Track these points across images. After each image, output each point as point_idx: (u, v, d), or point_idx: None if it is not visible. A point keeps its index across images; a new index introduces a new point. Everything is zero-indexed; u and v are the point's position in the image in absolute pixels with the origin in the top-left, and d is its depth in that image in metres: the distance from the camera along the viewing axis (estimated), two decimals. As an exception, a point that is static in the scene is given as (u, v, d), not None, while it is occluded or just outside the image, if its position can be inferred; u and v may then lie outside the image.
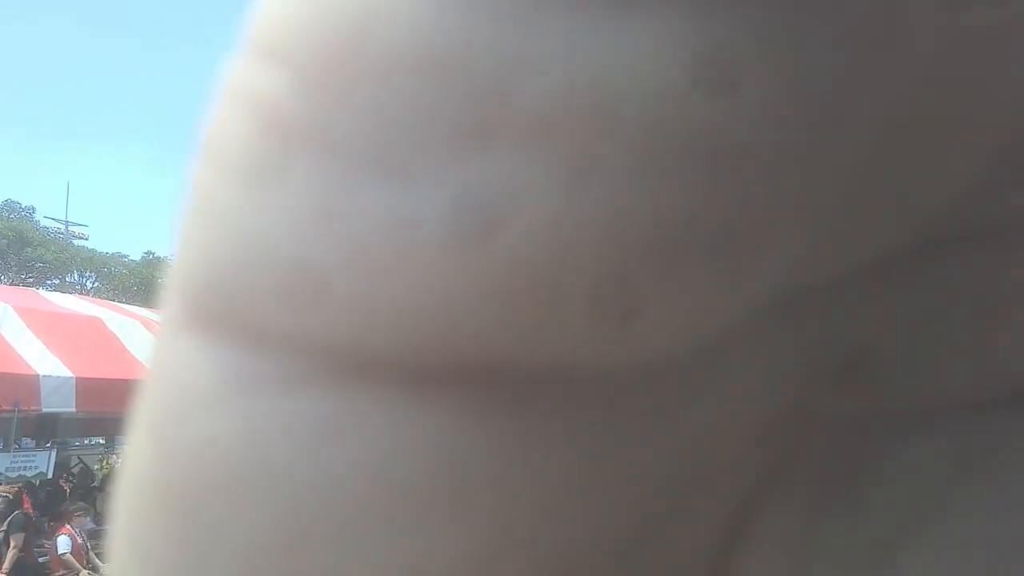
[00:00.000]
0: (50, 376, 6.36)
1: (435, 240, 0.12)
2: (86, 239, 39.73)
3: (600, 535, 0.14)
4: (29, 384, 6.26)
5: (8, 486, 7.05)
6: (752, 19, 0.11)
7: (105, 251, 38.65)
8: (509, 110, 0.11)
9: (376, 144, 0.12)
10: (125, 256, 39.42)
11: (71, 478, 8.36)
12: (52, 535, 6.77)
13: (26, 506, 6.98)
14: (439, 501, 0.13)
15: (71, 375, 6.48)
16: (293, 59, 0.12)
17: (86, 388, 6.48)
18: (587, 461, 0.13)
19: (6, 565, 6.35)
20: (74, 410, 6.62)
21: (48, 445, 7.78)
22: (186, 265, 0.14)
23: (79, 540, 6.69)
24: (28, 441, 7.79)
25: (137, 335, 7.20)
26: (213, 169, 0.13)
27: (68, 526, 6.74)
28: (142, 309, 8.46)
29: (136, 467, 0.14)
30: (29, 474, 7.23)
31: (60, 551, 6.61)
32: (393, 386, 0.13)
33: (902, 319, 0.16)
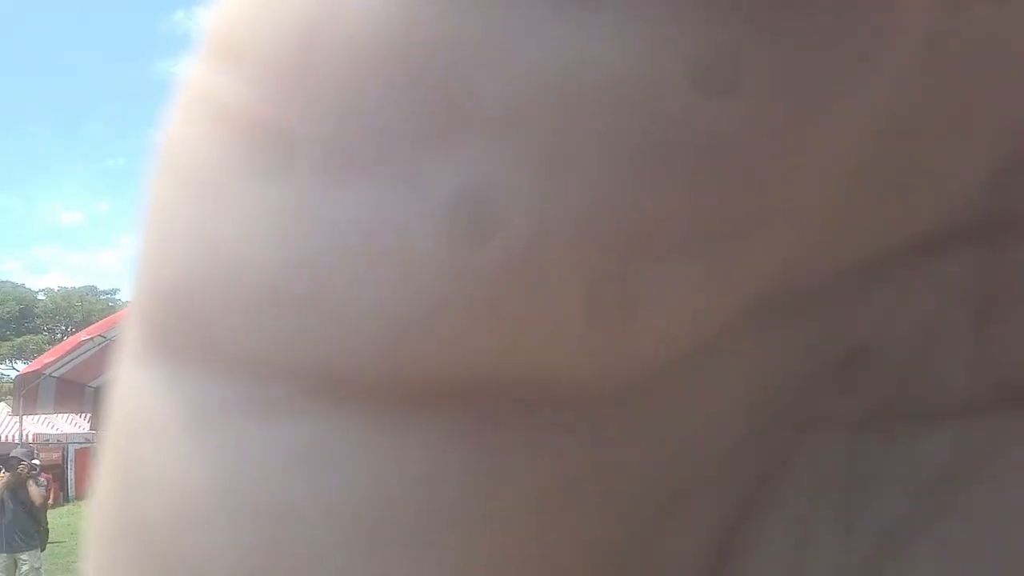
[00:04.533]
0: None
1: (418, 245, 0.11)
2: None
3: (588, 549, 0.14)
4: None
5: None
6: (751, 18, 0.11)
7: None
8: (479, 101, 0.11)
9: (345, 145, 0.11)
10: None
11: None
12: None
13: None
14: (426, 527, 0.12)
15: None
16: (253, 59, 0.12)
17: None
18: (575, 477, 0.13)
19: None
20: None
21: None
22: (145, 285, 0.13)
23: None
24: None
25: None
26: (172, 180, 0.12)
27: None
28: None
29: (103, 503, 0.13)
30: None
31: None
32: (376, 409, 0.12)
33: (898, 319, 0.16)
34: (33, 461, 7.11)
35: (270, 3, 0.12)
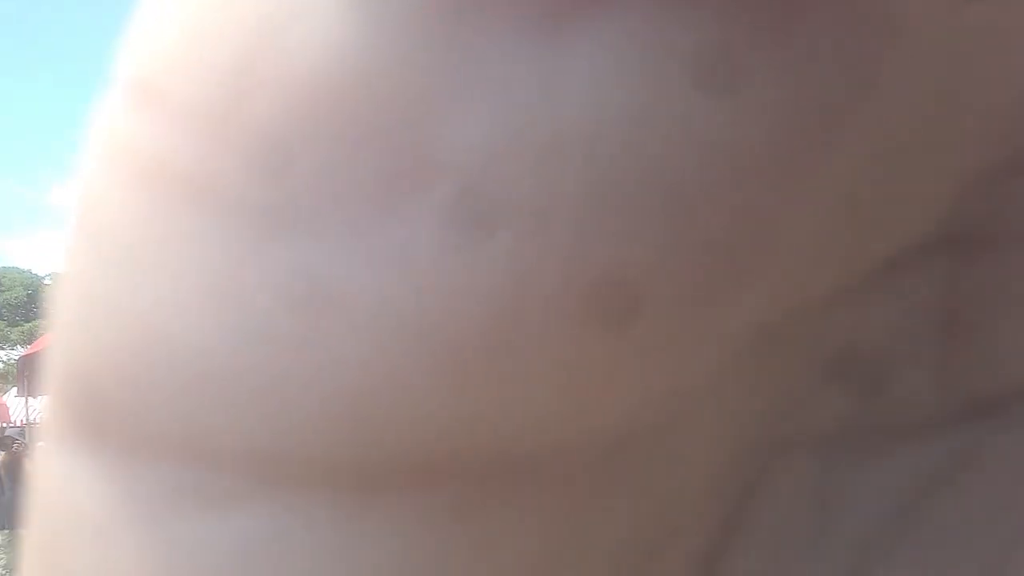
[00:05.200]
0: None
1: (378, 305, 0.10)
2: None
3: None
4: None
5: None
6: (752, 17, 0.10)
7: None
8: (443, 147, 0.10)
9: (279, 196, 0.10)
10: None
11: None
12: None
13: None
14: None
15: None
16: (179, 104, 0.10)
17: None
18: (558, 540, 0.12)
19: None
20: None
21: None
22: (61, 362, 0.11)
23: None
24: None
25: None
26: (89, 243, 0.11)
27: None
28: None
29: None
30: None
31: None
32: (340, 494, 0.11)
33: (866, 336, 0.15)
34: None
35: (197, 41, 0.10)
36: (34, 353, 13.85)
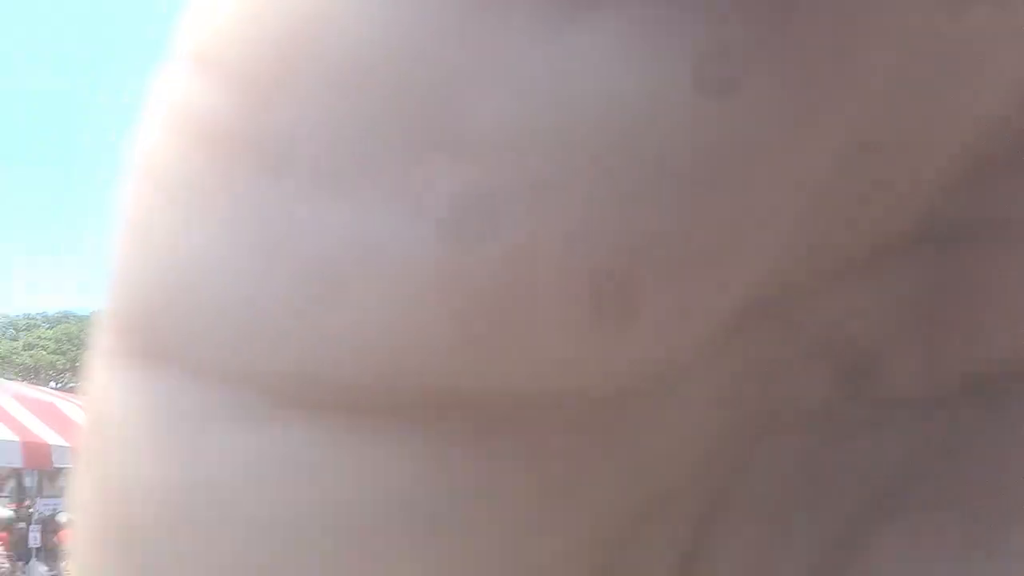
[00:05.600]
0: None
1: (406, 258, 0.11)
2: None
3: (562, 563, 0.14)
4: None
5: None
6: (752, 16, 0.11)
7: None
8: (469, 120, 0.10)
9: (320, 160, 0.11)
10: None
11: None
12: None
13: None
14: (400, 537, 0.12)
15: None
16: (231, 68, 0.11)
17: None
18: (549, 489, 0.13)
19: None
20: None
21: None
22: (119, 291, 0.13)
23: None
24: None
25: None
26: (148, 187, 0.12)
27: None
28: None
29: (82, 509, 0.13)
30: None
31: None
32: (360, 418, 0.12)
33: (855, 319, 0.16)
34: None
35: (251, 13, 0.11)
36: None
